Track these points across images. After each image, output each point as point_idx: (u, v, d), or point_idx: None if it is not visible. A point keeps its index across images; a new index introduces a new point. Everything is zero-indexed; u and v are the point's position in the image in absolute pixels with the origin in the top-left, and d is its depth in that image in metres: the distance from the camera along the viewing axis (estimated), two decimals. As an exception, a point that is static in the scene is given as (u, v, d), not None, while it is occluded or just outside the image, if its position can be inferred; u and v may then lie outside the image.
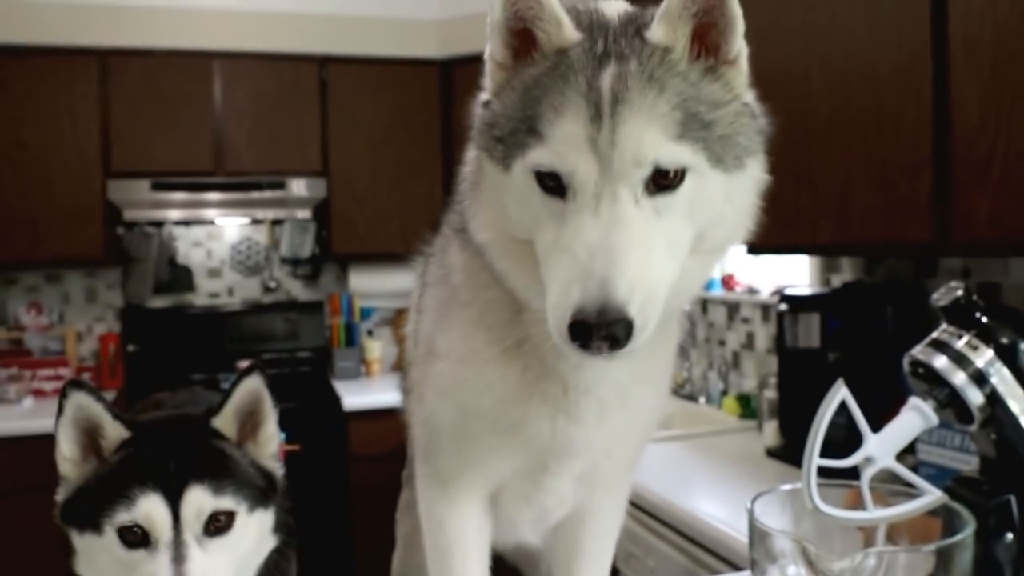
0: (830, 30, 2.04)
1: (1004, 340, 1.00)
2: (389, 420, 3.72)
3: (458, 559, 1.02)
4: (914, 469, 1.07)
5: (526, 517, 1.05)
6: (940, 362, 1.01)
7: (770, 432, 2.57)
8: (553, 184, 0.78)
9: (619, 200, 0.75)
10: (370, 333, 4.48)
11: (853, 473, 0.99)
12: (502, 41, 0.84)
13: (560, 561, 1.09)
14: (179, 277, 4.28)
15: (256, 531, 1.01)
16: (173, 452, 0.97)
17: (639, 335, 0.72)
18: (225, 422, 1.03)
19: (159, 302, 4.28)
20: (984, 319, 1.02)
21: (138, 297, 4.15)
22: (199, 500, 0.94)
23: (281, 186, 3.98)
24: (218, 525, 0.95)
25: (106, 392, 3.98)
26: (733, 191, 0.83)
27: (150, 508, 0.92)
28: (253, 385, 1.03)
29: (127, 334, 4.13)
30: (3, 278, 4.09)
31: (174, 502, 0.92)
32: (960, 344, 1.01)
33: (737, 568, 1.83)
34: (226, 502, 0.96)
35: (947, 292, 1.05)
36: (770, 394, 2.69)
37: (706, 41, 0.83)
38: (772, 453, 2.52)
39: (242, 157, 3.96)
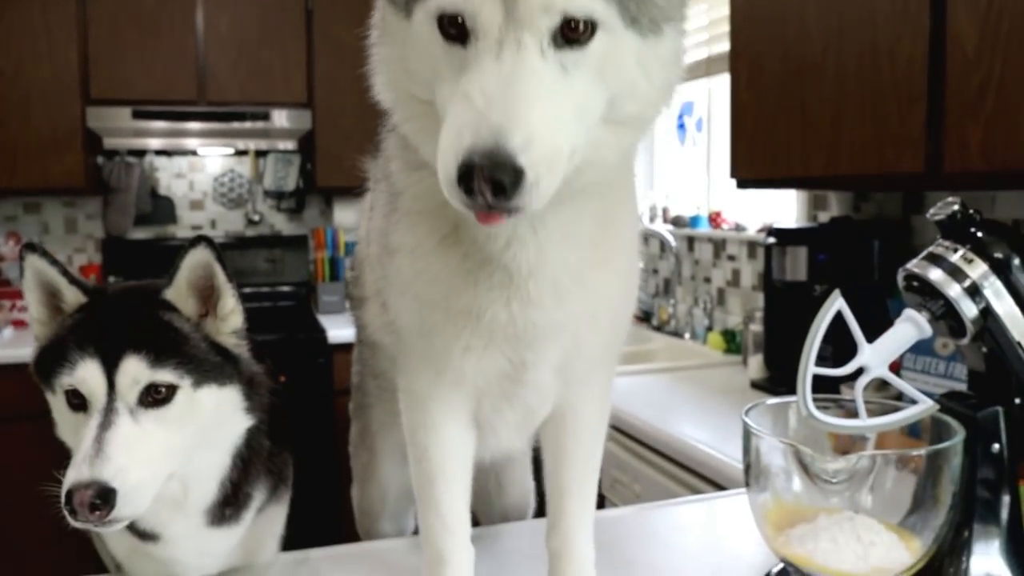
0: (827, -41, 2.02)
1: (998, 255, 1.01)
2: (373, 353, 3.76)
3: (441, 488, 1.03)
4: (898, 397, 1.09)
5: (509, 420, 1.05)
6: (935, 275, 1.02)
7: (755, 365, 2.61)
8: (456, 32, 0.74)
9: (524, 47, 0.72)
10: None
11: (833, 387, 1.00)
12: None
13: (549, 466, 1.10)
14: (161, 208, 4.24)
15: (211, 408, 1.00)
16: (118, 320, 0.97)
17: (530, 190, 0.69)
18: (178, 295, 1.02)
19: (140, 234, 4.24)
20: (979, 234, 1.03)
21: (119, 228, 4.11)
22: (135, 370, 0.93)
23: (265, 117, 3.93)
24: (157, 397, 0.94)
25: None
26: (647, 58, 0.79)
27: (86, 374, 0.93)
28: (201, 257, 1.01)
29: (108, 265, 4.10)
30: (-19, 206, 4.04)
31: (111, 370, 0.93)
32: (955, 257, 1.02)
33: (722, 488, 1.87)
34: (165, 375, 0.95)
35: (943, 207, 1.05)
36: (756, 328, 2.72)
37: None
38: (757, 385, 2.55)
39: (225, 86, 3.90)
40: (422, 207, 0.94)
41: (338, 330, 3.73)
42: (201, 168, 4.34)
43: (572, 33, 0.74)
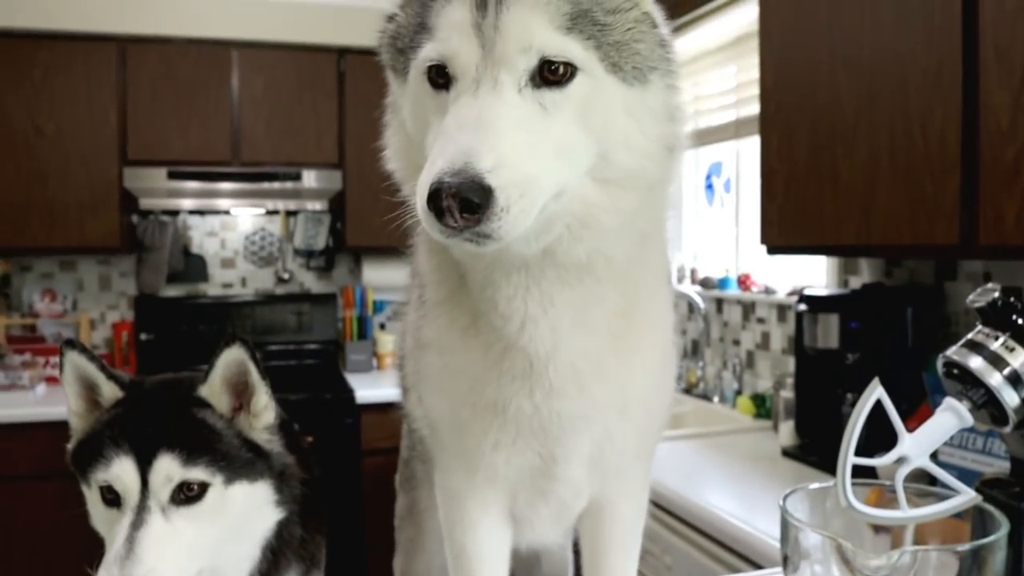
0: (857, 30, 2.03)
1: (1041, 342, 0.99)
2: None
3: None
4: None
5: (543, 515, 1.04)
6: (976, 363, 1.00)
7: (786, 432, 2.57)
8: (443, 80, 0.78)
9: (500, 84, 0.74)
10: (382, 326, 4.48)
11: (870, 472, 0.98)
12: None
13: (586, 557, 1.09)
14: (193, 266, 4.29)
15: (241, 504, 1.01)
16: (153, 417, 0.99)
17: (500, 215, 0.69)
18: (212, 392, 1.04)
19: (172, 291, 4.29)
20: (1020, 321, 1.01)
21: (151, 286, 4.16)
22: (167, 468, 0.95)
23: (297, 177, 3.99)
24: (189, 495, 0.96)
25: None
26: (636, 107, 0.81)
27: (120, 471, 0.95)
28: (236, 355, 1.04)
29: (140, 322, 4.14)
30: (18, 264, 4.11)
31: (144, 467, 0.94)
32: (996, 345, 1.00)
33: (754, 565, 1.83)
34: (197, 472, 0.96)
35: (983, 294, 1.04)
36: (786, 394, 2.68)
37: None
38: (788, 453, 2.51)
39: (258, 147, 3.97)
40: (443, 296, 0.95)
41: (366, 390, 3.73)
42: (233, 227, 4.40)
43: (551, 75, 0.76)
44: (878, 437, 0.98)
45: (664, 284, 1.01)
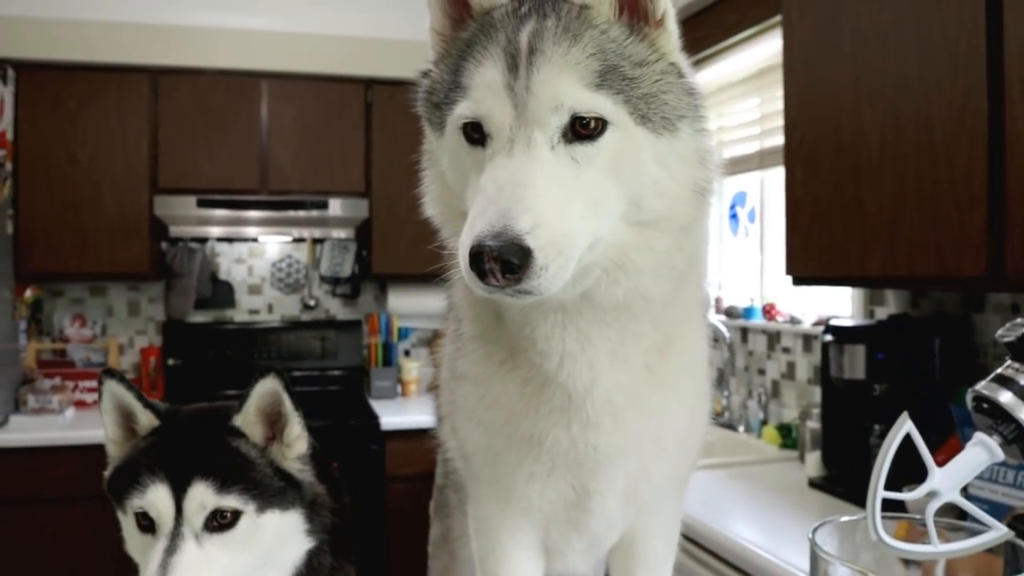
0: (881, 62, 2.04)
1: (1071, 377, 0.99)
2: (426, 440, 3.75)
3: None
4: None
5: (575, 547, 1.05)
6: (1006, 398, 1.00)
7: (813, 463, 2.55)
8: (478, 136, 0.81)
9: (534, 143, 0.77)
10: (407, 353, 4.51)
11: (899, 505, 0.98)
12: (440, 9, 0.90)
13: None
14: (220, 293, 4.34)
15: (272, 532, 1.03)
16: (188, 446, 1.01)
17: (539, 273, 0.71)
18: (247, 422, 1.06)
19: (200, 317, 4.34)
20: (1050, 356, 1.01)
21: (180, 312, 4.21)
22: (201, 496, 0.97)
23: (323, 205, 4.04)
24: (222, 522, 0.98)
25: (146, 405, 4.03)
26: (665, 155, 0.83)
27: (155, 498, 0.97)
28: (270, 386, 1.06)
29: (168, 348, 4.19)
30: (50, 290, 4.17)
31: (179, 494, 0.96)
32: (1026, 380, 1.00)
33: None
34: (230, 500, 0.98)
35: (1012, 328, 1.04)
36: (813, 424, 2.67)
37: (633, 3, 0.84)
38: (815, 484, 2.50)
39: (286, 176, 4.02)
40: (480, 331, 0.96)
41: (391, 416, 3.75)
42: (260, 254, 4.45)
43: (583, 129, 0.78)
44: (907, 470, 0.98)
45: (700, 319, 1.02)
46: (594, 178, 0.79)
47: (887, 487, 0.99)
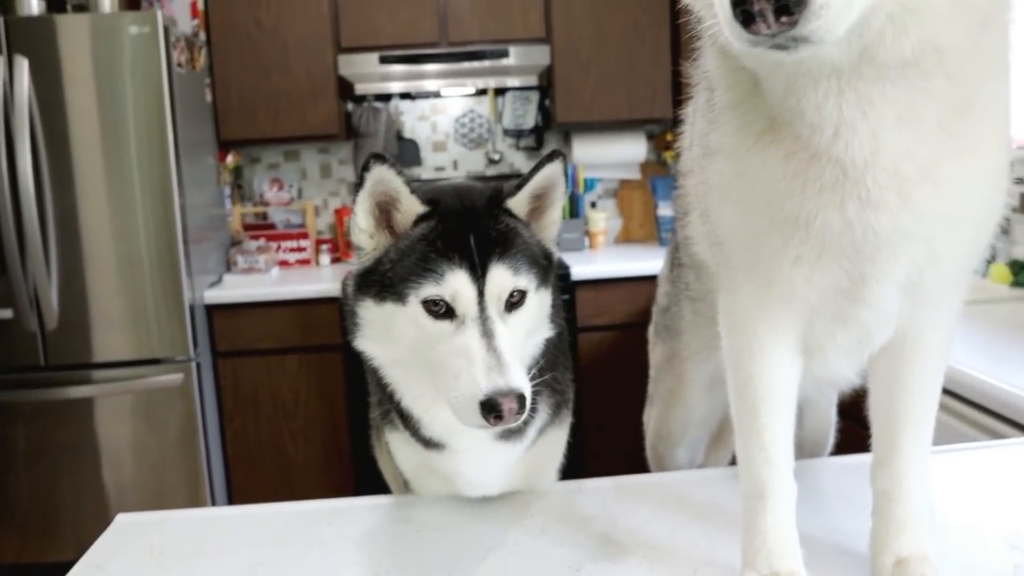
0: None
1: None
2: (614, 290, 3.72)
3: (765, 418, 0.95)
4: None
5: (841, 343, 0.93)
6: None
7: (1055, 299, 2.29)
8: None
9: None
10: (594, 205, 4.42)
11: None
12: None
13: (881, 397, 0.97)
14: (406, 151, 4.37)
15: (537, 310, 1.04)
16: (478, 231, 0.99)
17: (820, 13, 0.62)
18: (518, 203, 1.05)
19: (388, 176, 4.39)
20: None
21: (369, 171, 4.27)
22: (500, 278, 0.97)
23: (504, 55, 3.93)
24: (512, 301, 0.99)
25: (342, 264, 4.18)
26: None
27: (458, 285, 0.96)
28: (554, 170, 1.05)
29: (360, 207, 4.28)
30: (248, 156, 4.34)
31: (478, 279, 0.96)
32: None
33: (1014, 424, 1.65)
34: (521, 280, 0.99)
35: None
36: (1055, 258, 2.38)
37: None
38: (1057, 322, 2.25)
39: (465, 26, 3.93)
40: (736, 99, 0.85)
41: (579, 267, 3.71)
42: (443, 110, 4.42)
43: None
44: None
45: (1006, 74, 0.84)
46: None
47: None
